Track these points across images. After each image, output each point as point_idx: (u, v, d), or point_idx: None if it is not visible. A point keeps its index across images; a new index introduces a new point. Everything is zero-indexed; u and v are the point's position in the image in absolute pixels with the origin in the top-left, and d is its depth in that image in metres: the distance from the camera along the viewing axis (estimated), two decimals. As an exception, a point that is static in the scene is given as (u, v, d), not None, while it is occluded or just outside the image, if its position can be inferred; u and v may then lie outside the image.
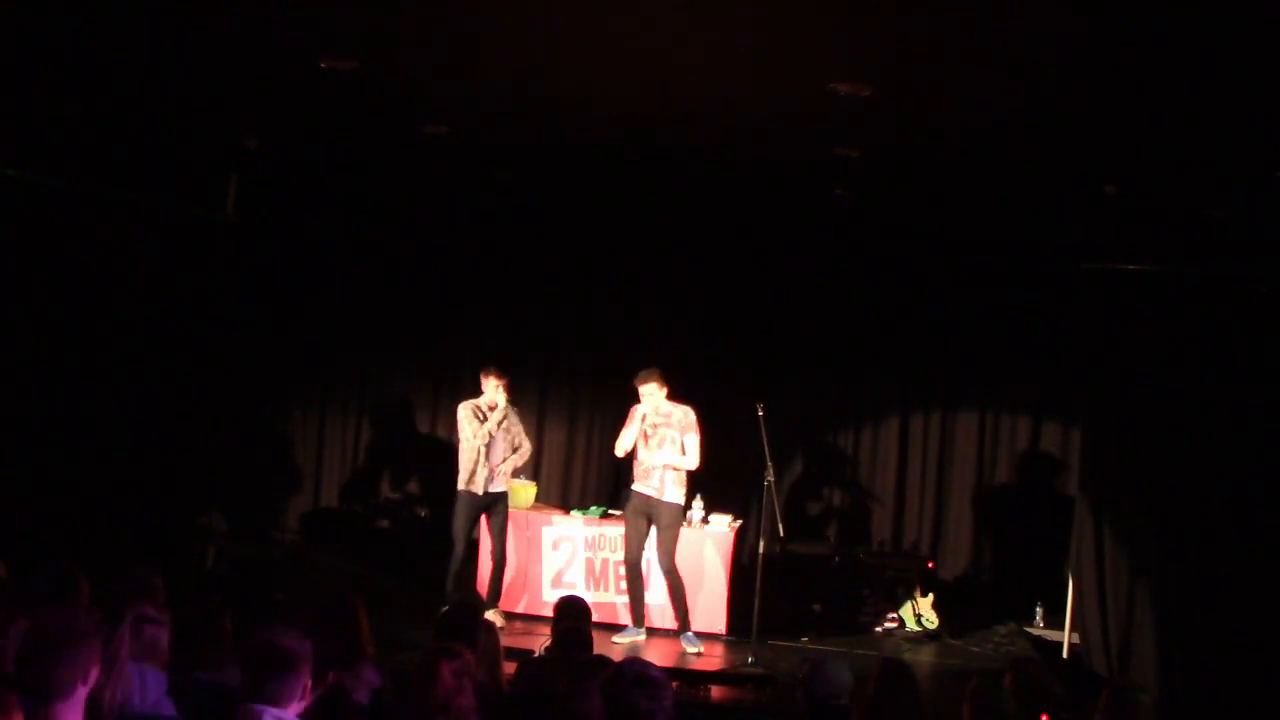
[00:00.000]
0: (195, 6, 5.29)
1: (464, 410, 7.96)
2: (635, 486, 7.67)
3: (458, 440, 8.02)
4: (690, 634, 7.61)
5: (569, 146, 7.82)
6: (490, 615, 7.37)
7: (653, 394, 7.56)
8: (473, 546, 8.17)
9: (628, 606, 7.84)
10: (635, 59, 5.63)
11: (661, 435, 7.57)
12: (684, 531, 7.89)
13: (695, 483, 7.88)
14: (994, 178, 7.63)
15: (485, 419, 7.89)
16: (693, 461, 7.54)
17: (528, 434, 8.33)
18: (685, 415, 7.59)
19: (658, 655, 7.37)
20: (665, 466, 7.52)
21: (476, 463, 7.86)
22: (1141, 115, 5.79)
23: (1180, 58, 4.87)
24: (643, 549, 7.67)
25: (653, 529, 7.64)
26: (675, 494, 7.57)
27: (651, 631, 7.87)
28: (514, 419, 8.09)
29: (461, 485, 7.90)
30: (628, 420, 7.66)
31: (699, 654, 7.51)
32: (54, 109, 7.38)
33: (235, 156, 8.55)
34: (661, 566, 7.61)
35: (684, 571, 7.72)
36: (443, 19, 5.22)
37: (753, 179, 8.38)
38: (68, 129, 7.62)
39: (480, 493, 7.85)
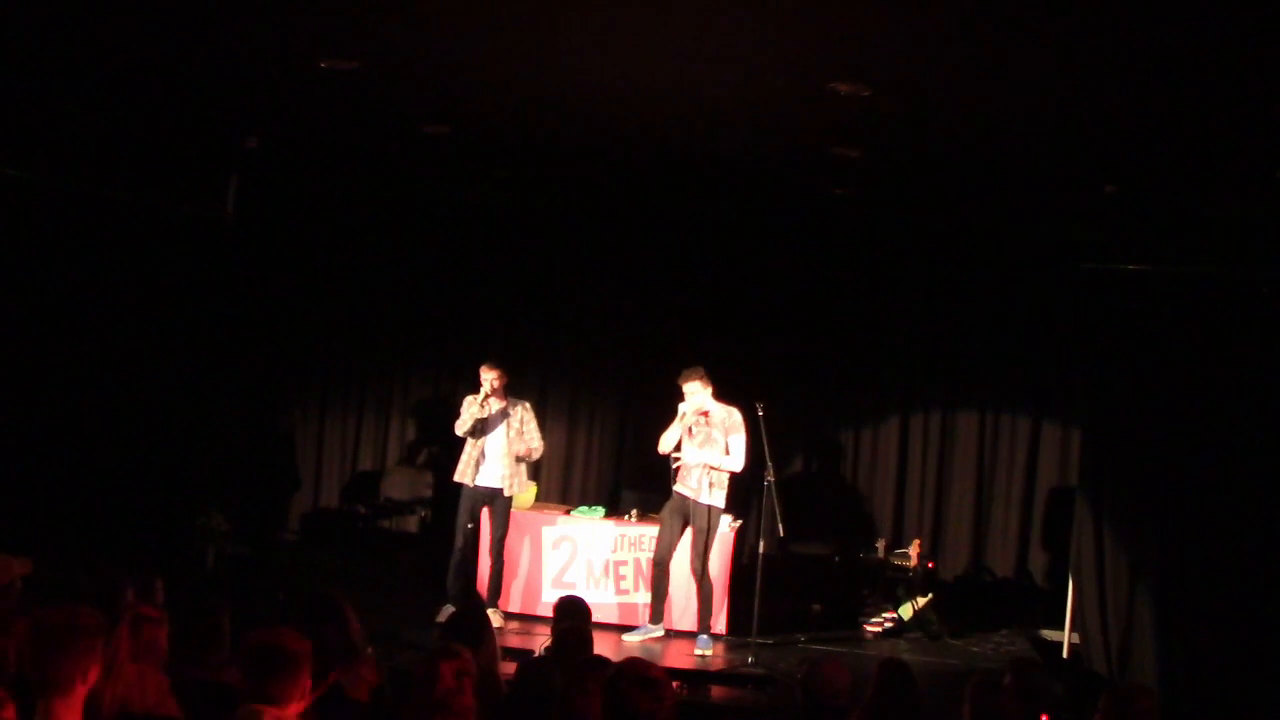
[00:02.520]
0: (195, 7, 5.29)
1: (464, 403, 8.01)
2: (676, 486, 7.67)
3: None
4: (705, 637, 7.58)
5: (569, 146, 7.82)
6: (489, 615, 7.40)
7: (695, 392, 7.53)
8: (476, 545, 8.16)
9: (647, 605, 7.84)
10: (635, 59, 5.62)
11: (704, 435, 7.55)
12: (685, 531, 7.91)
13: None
14: (994, 178, 7.62)
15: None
16: (736, 463, 7.50)
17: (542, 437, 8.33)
18: (729, 415, 7.55)
19: (659, 655, 7.37)
20: (705, 467, 7.50)
21: (465, 454, 7.91)
22: (1142, 115, 5.79)
23: (1180, 57, 4.87)
24: (673, 548, 7.65)
25: (688, 530, 7.62)
26: (713, 497, 7.53)
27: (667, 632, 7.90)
28: (528, 419, 8.08)
29: (456, 476, 7.96)
30: (675, 419, 7.64)
31: (703, 657, 7.49)
32: (54, 109, 7.38)
33: (235, 156, 8.55)
34: (693, 569, 7.59)
35: (683, 571, 7.74)
36: (443, 19, 5.22)
37: (753, 179, 8.38)
38: (68, 129, 7.62)
39: (469, 483, 7.86)
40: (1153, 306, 7.59)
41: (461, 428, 7.90)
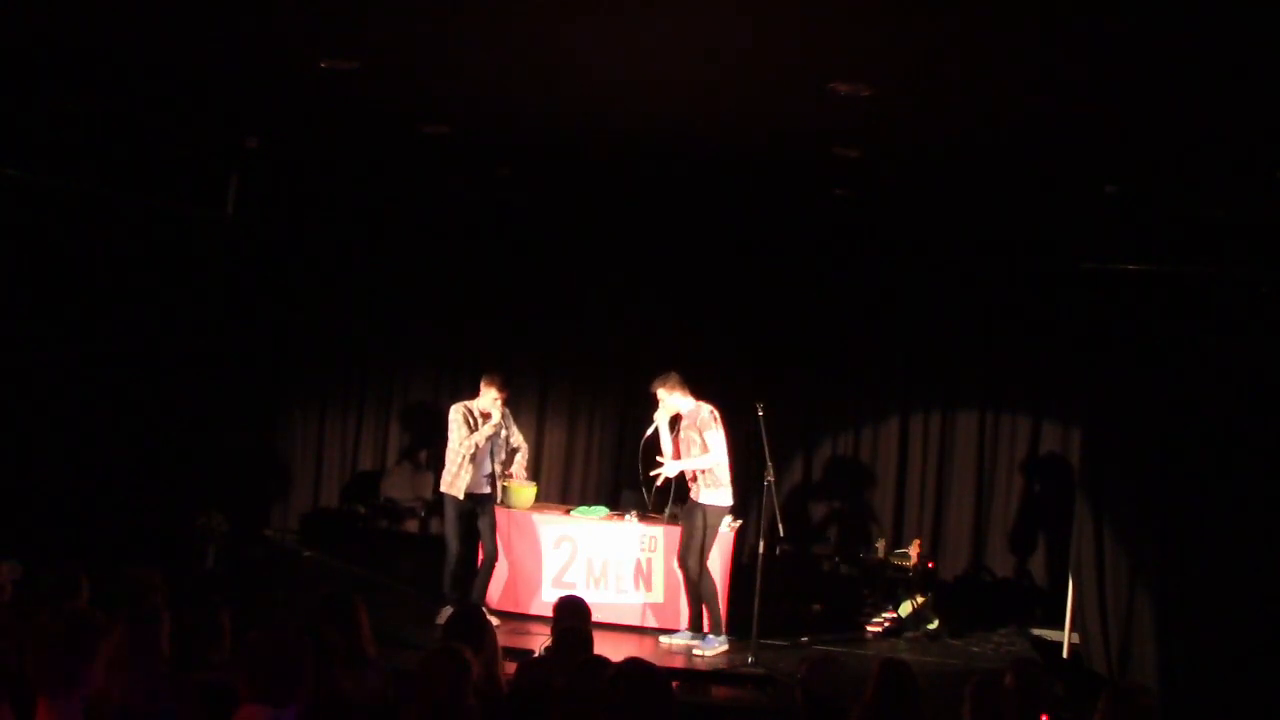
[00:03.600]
0: (196, 6, 5.29)
1: (456, 413, 7.92)
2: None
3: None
4: (709, 637, 7.57)
5: (569, 146, 7.82)
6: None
7: (663, 399, 7.63)
8: (472, 546, 8.15)
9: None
10: (635, 59, 5.62)
11: (687, 439, 7.61)
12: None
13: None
14: (994, 178, 7.62)
15: (475, 427, 7.86)
16: (714, 458, 7.49)
17: (525, 437, 8.32)
18: (699, 413, 7.58)
19: (659, 655, 7.37)
20: (690, 470, 7.55)
21: (460, 467, 7.83)
22: (1142, 115, 5.79)
23: (1181, 57, 4.87)
24: (688, 552, 7.65)
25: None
26: (708, 495, 7.55)
27: (649, 631, 7.91)
28: (508, 421, 8.07)
29: (444, 487, 7.90)
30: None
31: (703, 657, 7.48)
32: (54, 109, 7.38)
33: (235, 156, 8.55)
34: (678, 563, 7.67)
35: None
36: (442, 19, 5.22)
37: (753, 179, 8.37)
38: (68, 129, 7.62)
39: (461, 497, 7.83)
40: (1153, 306, 7.59)
41: (468, 449, 7.80)
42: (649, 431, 7.78)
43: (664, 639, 7.75)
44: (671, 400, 7.63)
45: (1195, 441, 7.19)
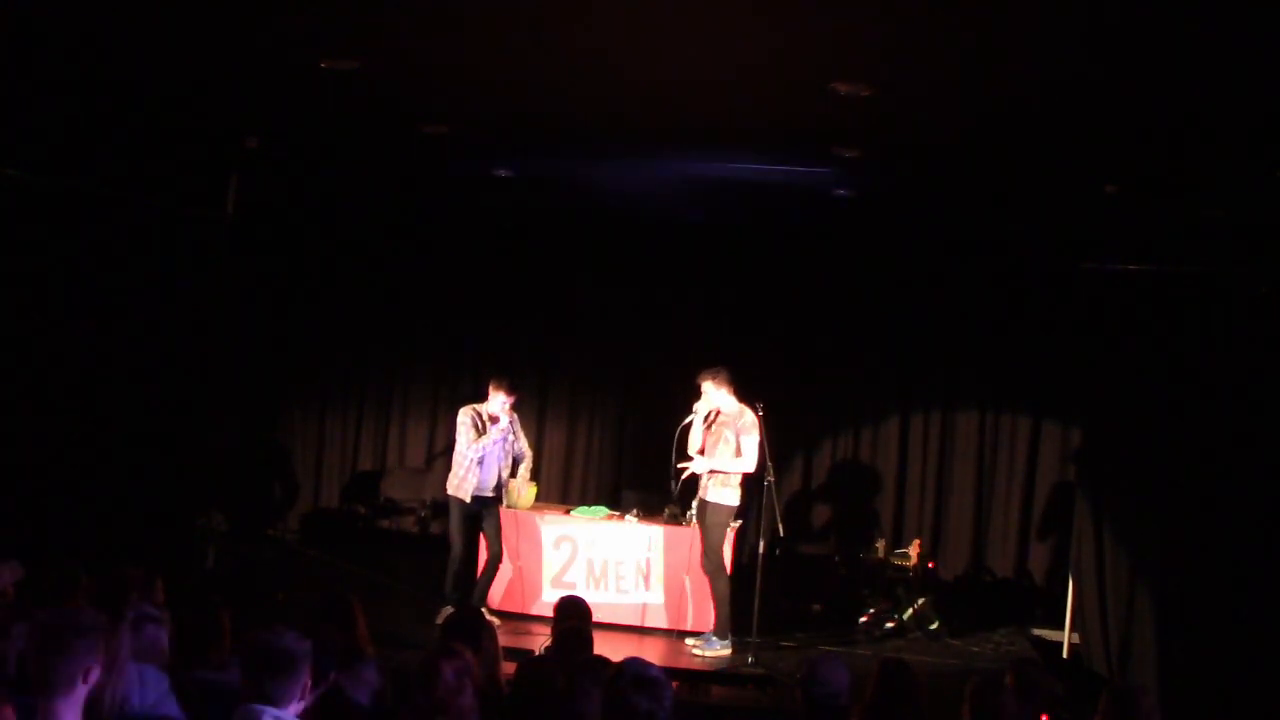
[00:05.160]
0: (196, 6, 5.29)
1: (464, 416, 7.92)
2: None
3: (454, 441, 8.02)
4: (714, 638, 7.57)
5: (569, 146, 7.82)
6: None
7: (708, 392, 7.56)
8: (474, 548, 8.16)
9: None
10: (634, 60, 5.63)
11: (719, 436, 7.54)
12: (684, 531, 7.92)
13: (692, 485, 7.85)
14: (994, 177, 7.62)
15: (484, 430, 7.86)
16: (746, 463, 7.44)
17: (529, 442, 8.32)
18: (741, 415, 7.52)
19: (658, 655, 7.37)
20: (710, 472, 7.51)
21: (468, 470, 7.83)
22: (1142, 115, 5.79)
23: (1181, 57, 4.87)
24: (704, 552, 7.64)
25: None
26: (716, 494, 7.52)
27: (649, 631, 7.91)
28: (516, 427, 8.08)
29: (450, 490, 7.91)
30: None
31: (703, 657, 7.49)
32: (54, 109, 7.38)
33: (235, 156, 8.55)
34: (700, 566, 7.65)
35: (682, 571, 7.75)
36: (443, 19, 5.22)
37: (753, 179, 8.37)
38: (67, 128, 7.61)
39: (468, 500, 7.83)
40: (1153, 306, 7.59)
41: (476, 453, 7.81)
42: (687, 420, 7.69)
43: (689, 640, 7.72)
44: (717, 395, 7.57)
45: (1195, 441, 7.18)
